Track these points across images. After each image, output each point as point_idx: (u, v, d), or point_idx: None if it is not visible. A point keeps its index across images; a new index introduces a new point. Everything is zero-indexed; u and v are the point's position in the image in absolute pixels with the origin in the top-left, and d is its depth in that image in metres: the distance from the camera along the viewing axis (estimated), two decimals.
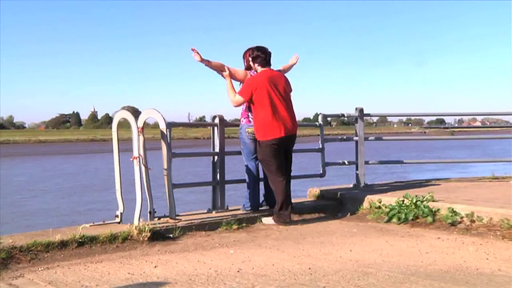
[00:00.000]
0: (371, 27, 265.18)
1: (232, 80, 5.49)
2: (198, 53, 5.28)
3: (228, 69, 5.45)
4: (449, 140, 37.38)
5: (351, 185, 6.98)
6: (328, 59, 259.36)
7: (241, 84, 5.48)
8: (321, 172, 6.69)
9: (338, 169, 8.89)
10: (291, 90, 5.48)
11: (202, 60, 5.33)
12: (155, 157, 5.41)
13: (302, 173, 7.29)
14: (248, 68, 5.49)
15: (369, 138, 7.72)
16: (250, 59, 5.43)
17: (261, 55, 5.38)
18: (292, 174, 5.58)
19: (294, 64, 5.98)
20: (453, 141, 39.69)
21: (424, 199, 5.46)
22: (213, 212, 5.50)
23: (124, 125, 5.02)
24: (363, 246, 4.33)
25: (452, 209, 5.17)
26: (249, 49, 5.47)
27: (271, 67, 5.44)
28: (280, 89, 5.31)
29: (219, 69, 5.48)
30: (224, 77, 5.46)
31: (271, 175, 5.29)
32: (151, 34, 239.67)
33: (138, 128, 4.80)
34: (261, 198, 5.66)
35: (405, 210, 5.39)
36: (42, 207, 12.17)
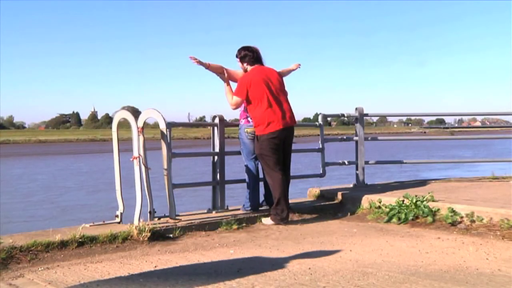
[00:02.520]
0: (371, 27, 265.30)
1: (232, 83, 5.50)
2: (196, 59, 5.31)
3: (227, 71, 5.47)
4: (450, 140, 37.44)
5: (351, 185, 6.97)
6: (328, 59, 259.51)
7: None
8: (321, 172, 6.69)
9: (338, 169, 8.88)
10: (284, 84, 5.49)
11: (202, 63, 5.36)
12: (155, 157, 5.42)
13: (302, 173, 7.30)
14: (245, 70, 5.50)
15: (369, 138, 7.72)
16: (238, 60, 5.45)
17: (248, 54, 5.40)
18: (292, 174, 5.57)
19: (293, 70, 5.99)
20: (454, 141, 39.77)
21: (424, 199, 5.46)
22: (213, 212, 5.50)
23: (124, 125, 5.02)
24: (363, 246, 4.33)
25: (452, 209, 5.17)
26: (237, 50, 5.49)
27: (264, 64, 5.46)
28: (274, 83, 5.33)
29: (219, 71, 5.49)
30: (223, 80, 5.48)
31: (269, 169, 5.28)
32: (151, 34, 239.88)
33: (138, 128, 4.80)
34: (261, 198, 5.67)
35: (405, 210, 5.39)
36: (78, 203, 12.37)
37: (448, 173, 14.44)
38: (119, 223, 4.90)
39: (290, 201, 5.48)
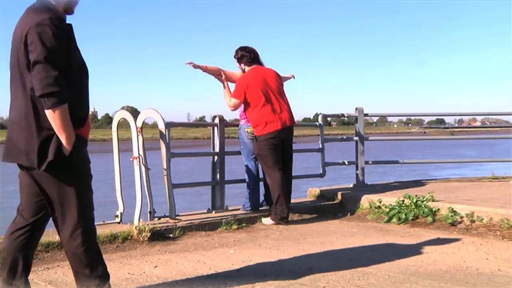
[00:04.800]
0: (371, 27, 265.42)
1: (230, 84, 5.50)
2: (193, 63, 5.34)
3: (224, 73, 5.46)
4: (450, 140, 37.47)
5: (351, 185, 6.97)
6: (328, 59, 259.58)
7: None
8: (321, 172, 6.69)
9: (338, 169, 8.89)
10: (282, 84, 5.49)
11: (199, 67, 5.37)
12: (155, 157, 5.41)
13: (302, 173, 7.30)
14: (243, 70, 5.49)
15: (369, 138, 7.72)
16: (235, 60, 5.45)
17: (245, 54, 5.40)
18: (292, 174, 5.56)
19: (289, 78, 5.99)
20: (454, 140, 39.80)
21: (424, 199, 5.46)
22: (213, 212, 5.50)
23: (123, 125, 5.03)
24: (363, 246, 4.33)
25: (452, 209, 5.17)
26: (235, 51, 5.49)
27: (262, 64, 5.46)
28: (272, 83, 5.32)
29: (216, 73, 5.49)
30: (221, 82, 5.48)
31: (268, 169, 5.27)
32: (151, 34, 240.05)
33: (137, 128, 4.80)
34: (261, 198, 5.66)
35: (405, 210, 5.39)
36: (109, 200, 12.19)
37: (455, 171, 14.45)
38: (119, 223, 4.91)
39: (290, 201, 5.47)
